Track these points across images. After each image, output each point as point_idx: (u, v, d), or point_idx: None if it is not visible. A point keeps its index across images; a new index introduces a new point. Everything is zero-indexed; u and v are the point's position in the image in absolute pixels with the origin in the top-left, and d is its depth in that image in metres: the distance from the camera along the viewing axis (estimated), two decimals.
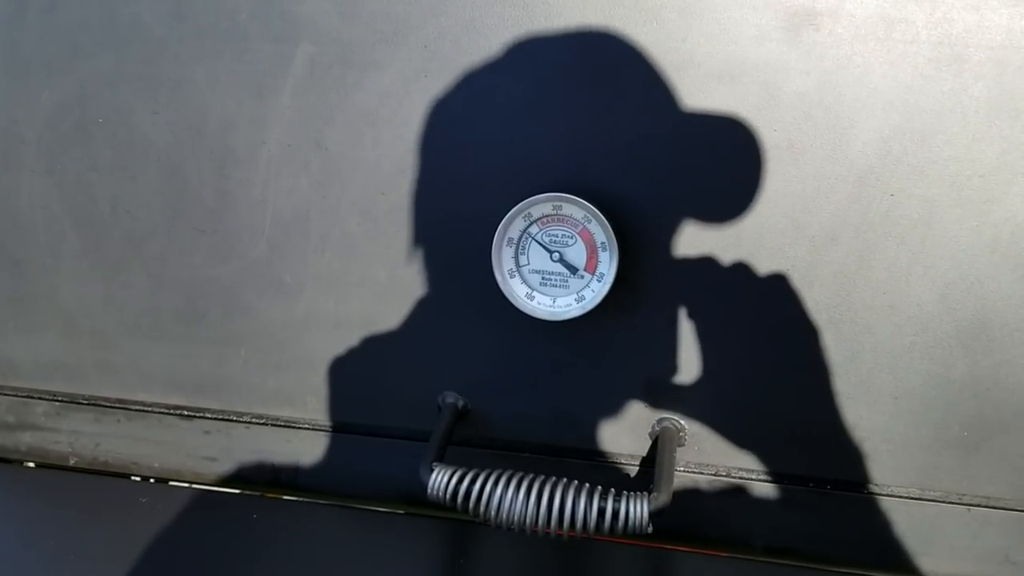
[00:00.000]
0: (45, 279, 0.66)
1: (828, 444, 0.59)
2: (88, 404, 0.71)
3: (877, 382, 0.57)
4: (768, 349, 0.57)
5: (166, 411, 0.69)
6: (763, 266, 0.55)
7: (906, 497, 0.60)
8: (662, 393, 0.60)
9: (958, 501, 0.60)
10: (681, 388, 0.59)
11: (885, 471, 0.59)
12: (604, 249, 0.55)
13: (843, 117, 0.51)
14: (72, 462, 0.73)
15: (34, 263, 0.66)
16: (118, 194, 0.62)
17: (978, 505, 0.60)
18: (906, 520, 0.61)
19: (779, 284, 0.55)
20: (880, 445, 0.59)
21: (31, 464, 0.74)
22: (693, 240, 0.55)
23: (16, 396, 0.72)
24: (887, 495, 0.60)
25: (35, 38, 0.60)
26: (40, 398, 0.72)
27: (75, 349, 0.68)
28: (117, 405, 0.70)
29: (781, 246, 0.55)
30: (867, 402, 0.57)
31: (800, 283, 0.55)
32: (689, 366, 0.59)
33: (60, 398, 0.71)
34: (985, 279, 0.53)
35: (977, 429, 0.57)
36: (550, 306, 0.56)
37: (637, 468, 0.63)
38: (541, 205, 0.54)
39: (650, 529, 0.51)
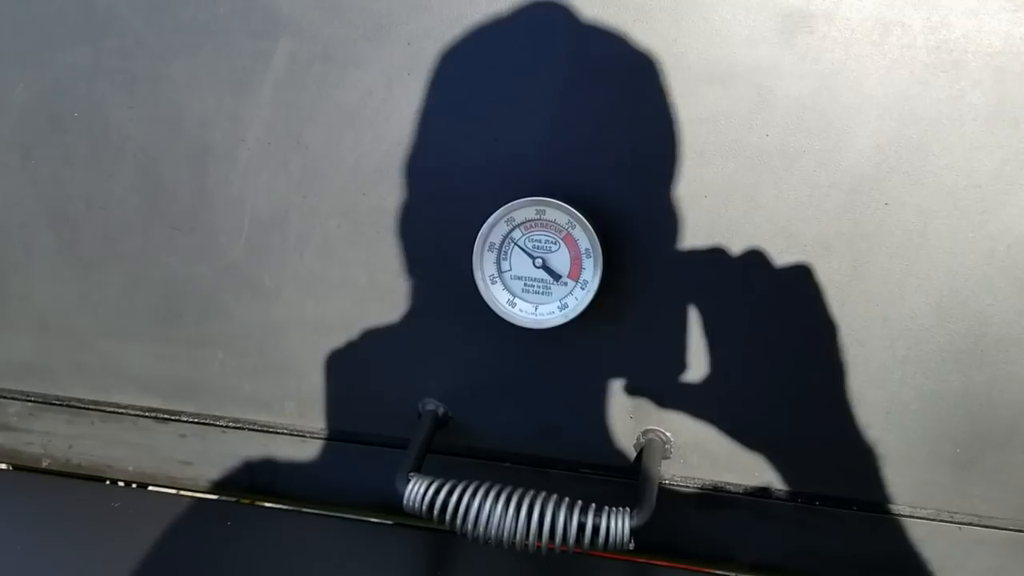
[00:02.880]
0: (18, 277, 0.65)
1: (817, 459, 0.58)
2: (62, 405, 0.69)
3: (869, 396, 0.55)
4: (757, 361, 0.56)
5: (141, 413, 0.68)
6: (753, 276, 0.54)
7: (897, 515, 0.59)
8: (648, 404, 0.59)
9: (950, 520, 0.58)
10: (667, 399, 0.58)
11: (875, 488, 0.58)
12: (588, 256, 0.53)
13: (837, 123, 0.50)
14: (45, 464, 0.72)
15: (7, 260, 0.64)
16: (93, 190, 0.61)
17: (970, 524, 0.58)
18: (896, 538, 0.59)
19: (769, 295, 0.54)
20: (871, 461, 0.57)
21: (3, 466, 0.73)
22: (680, 248, 0.54)
23: None
24: (877, 512, 0.59)
25: (9, 30, 0.58)
26: (13, 398, 0.70)
27: (49, 349, 0.67)
28: (91, 407, 0.69)
29: (772, 255, 0.53)
30: (858, 417, 0.56)
31: (792, 294, 0.54)
32: (676, 377, 0.57)
33: (33, 398, 0.70)
34: (980, 292, 0.52)
35: (970, 446, 0.56)
36: (532, 313, 0.55)
37: (622, 480, 0.62)
38: (524, 209, 0.53)
39: (631, 546, 0.50)
